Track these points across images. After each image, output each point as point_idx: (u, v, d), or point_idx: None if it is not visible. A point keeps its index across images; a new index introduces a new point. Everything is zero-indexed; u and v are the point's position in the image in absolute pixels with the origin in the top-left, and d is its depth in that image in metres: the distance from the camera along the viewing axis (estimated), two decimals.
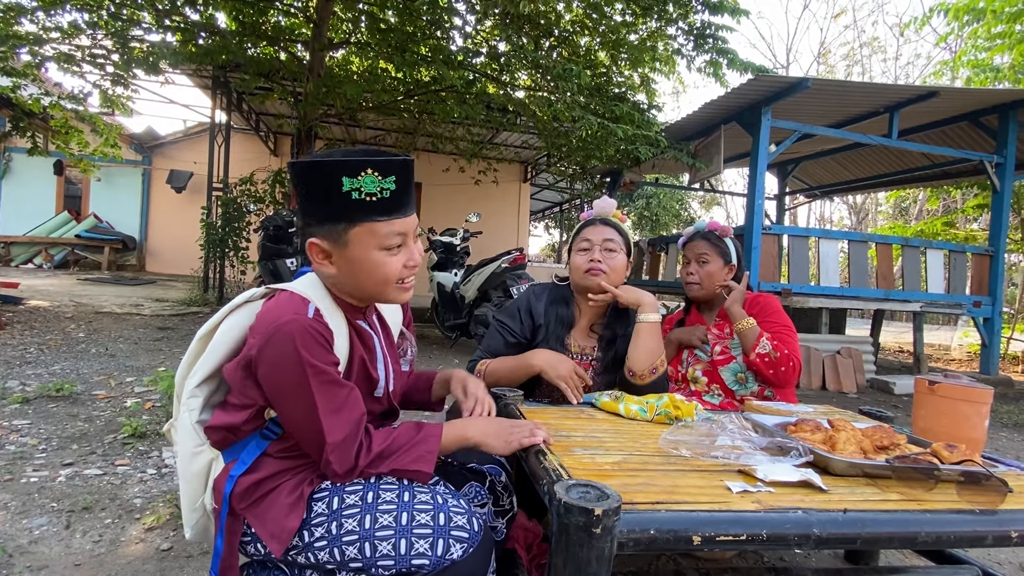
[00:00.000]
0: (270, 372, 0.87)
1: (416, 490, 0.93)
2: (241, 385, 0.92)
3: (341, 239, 0.91)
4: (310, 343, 0.87)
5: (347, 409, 0.90)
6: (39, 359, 3.57)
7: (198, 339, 0.99)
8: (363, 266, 0.93)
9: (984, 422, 1.30)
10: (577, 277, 1.56)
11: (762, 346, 1.61)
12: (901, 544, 0.88)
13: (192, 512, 0.97)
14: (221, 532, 0.93)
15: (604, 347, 1.59)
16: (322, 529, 0.89)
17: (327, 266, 0.95)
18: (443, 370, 1.28)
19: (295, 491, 0.92)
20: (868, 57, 20.66)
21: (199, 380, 0.96)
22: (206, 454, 0.95)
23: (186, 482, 0.96)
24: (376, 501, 0.90)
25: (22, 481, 1.91)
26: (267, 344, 0.86)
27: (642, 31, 5.78)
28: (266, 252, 5.28)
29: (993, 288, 5.70)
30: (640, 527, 0.74)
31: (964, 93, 5.35)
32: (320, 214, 0.91)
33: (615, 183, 8.06)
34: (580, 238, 1.60)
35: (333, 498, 0.92)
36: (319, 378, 0.87)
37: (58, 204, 10.53)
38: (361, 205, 0.89)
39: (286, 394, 0.88)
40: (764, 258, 5.08)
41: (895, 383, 5.02)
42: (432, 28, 5.51)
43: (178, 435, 0.97)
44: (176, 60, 5.51)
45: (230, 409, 0.95)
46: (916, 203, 15.25)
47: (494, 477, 1.16)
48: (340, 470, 0.90)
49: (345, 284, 0.98)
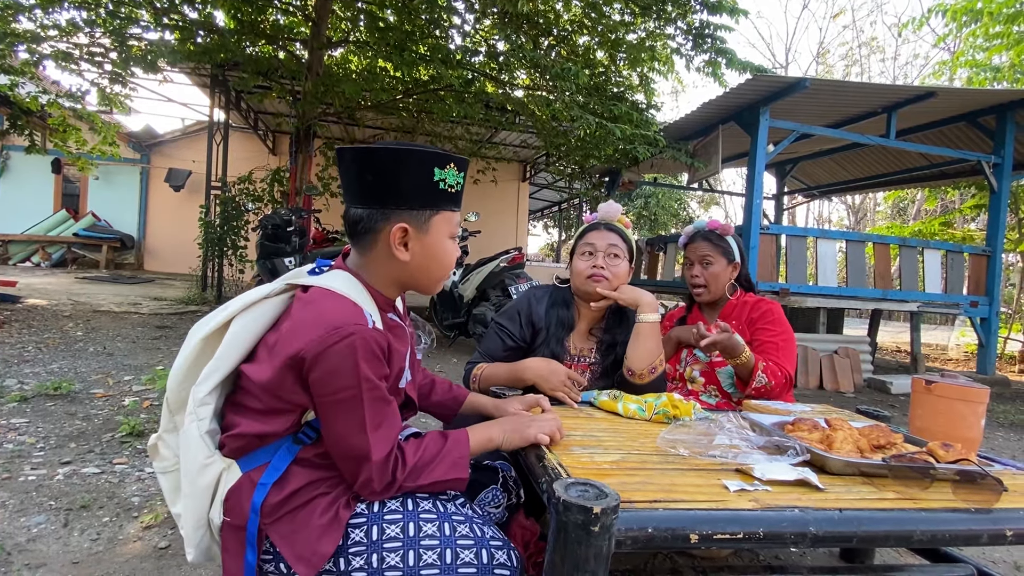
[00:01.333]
0: (324, 379, 0.83)
1: (455, 521, 0.92)
2: (283, 388, 0.86)
3: (425, 224, 0.96)
4: (371, 357, 0.85)
5: (387, 424, 0.88)
6: (37, 357, 3.56)
7: (200, 340, 0.91)
8: (437, 251, 0.98)
9: (980, 421, 1.31)
10: (579, 282, 1.55)
11: (758, 380, 1.58)
12: (896, 543, 0.89)
13: (196, 530, 0.88)
14: (252, 543, 0.86)
15: (603, 351, 1.58)
16: (361, 560, 0.87)
17: (403, 252, 0.95)
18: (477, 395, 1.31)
19: (329, 511, 0.88)
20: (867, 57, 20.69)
21: (211, 387, 0.88)
22: (216, 465, 0.88)
23: (191, 498, 0.87)
24: (418, 535, 0.88)
25: (20, 479, 1.91)
26: (327, 351, 0.82)
27: (641, 31, 5.79)
28: (264, 251, 5.27)
29: (990, 288, 5.72)
30: (638, 525, 0.75)
31: (962, 93, 5.36)
32: (412, 199, 0.94)
33: (614, 182, 8.06)
34: (583, 242, 1.58)
35: (372, 527, 0.89)
36: (372, 393, 0.86)
37: (56, 202, 10.50)
38: (445, 194, 0.97)
39: (337, 405, 0.85)
40: (762, 258, 5.09)
41: (892, 383, 5.03)
42: (431, 27, 5.51)
43: (182, 448, 0.89)
44: (174, 58, 5.50)
45: (259, 416, 0.88)
46: (914, 203, 15.29)
47: (505, 473, 1.18)
48: (379, 487, 0.87)
49: (410, 272, 0.99)
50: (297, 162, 6.28)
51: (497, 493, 1.15)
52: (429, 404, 1.27)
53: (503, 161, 9.49)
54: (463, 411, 1.27)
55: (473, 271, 4.98)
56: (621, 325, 1.58)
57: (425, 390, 1.27)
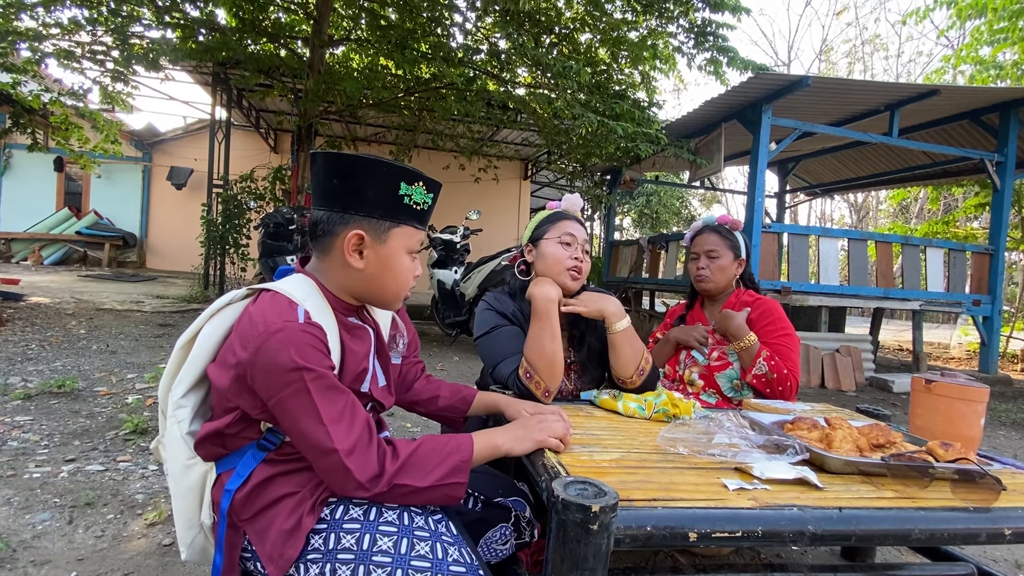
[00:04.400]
0: (265, 381, 0.83)
1: (416, 537, 0.87)
2: (232, 392, 0.88)
3: (383, 235, 0.96)
4: (304, 348, 0.84)
5: (349, 414, 0.86)
6: (40, 356, 3.58)
7: (179, 348, 0.95)
8: (392, 263, 0.98)
9: (980, 420, 1.31)
10: (558, 270, 1.43)
11: (758, 367, 1.58)
12: (895, 541, 0.89)
13: (188, 530, 0.92)
14: (220, 548, 0.89)
15: (577, 346, 1.52)
16: (316, 568, 0.85)
17: (356, 260, 0.95)
18: (488, 392, 1.26)
19: (293, 515, 0.88)
20: (870, 55, 20.58)
21: (185, 390, 0.92)
22: (200, 466, 0.91)
23: (180, 498, 0.91)
24: (371, 549, 0.85)
25: (24, 477, 1.92)
26: (259, 353, 0.83)
27: (642, 29, 5.77)
28: (266, 249, 5.27)
29: (993, 286, 5.71)
30: (637, 524, 0.75)
31: (965, 91, 5.34)
32: (373, 208, 0.95)
33: (615, 180, 8.06)
34: (563, 231, 1.46)
35: (330, 535, 0.87)
36: (318, 383, 0.84)
37: (58, 201, 10.53)
38: (408, 210, 0.97)
39: (286, 403, 0.84)
40: (764, 256, 5.09)
41: (894, 381, 5.03)
42: (432, 25, 5.51)
43: (166, 450, 0.93)
44: (176, 56, 5.51)
45: (220, 418, 0.91)
46: (917, 201, 15.24)
47: (519, 512, 1.12)
48: (363, 477, 0.84)
49: (360, 282, 0.97)
50: (299, 160, 6.29)
51: (506, 532, 1.09)
52: (436, 409, 1.25)
53: (504, 159, 9.50)
54: (473, 411, 1.24)
55: (475, 269, 4.98)
56: (582, 319, 1.51)
57: (429, 395, 1.25)
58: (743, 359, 1.64)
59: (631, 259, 7.52)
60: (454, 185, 9.95)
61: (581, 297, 1.45)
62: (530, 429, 1.01)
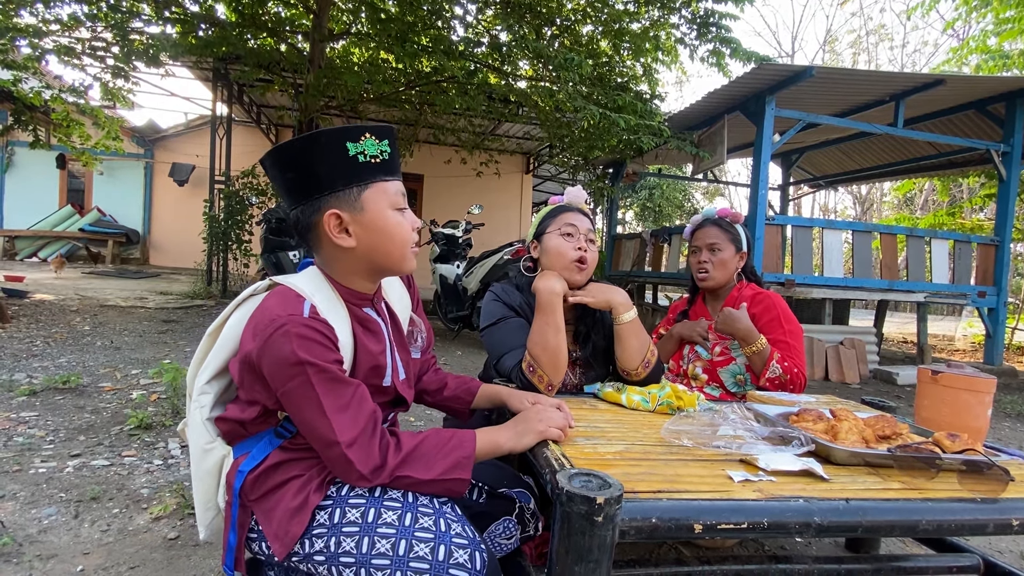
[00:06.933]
0: (272, 373, 0.86)
1: (420, 512, 0.88)
2: (246, 383, 0.91)
3: (356, 203, 0.92)
4: (307, 342, 0.85)
5: (355, 406, 0.87)
6: (45, 352, 3.59)
7: (208, 335, 0.98)
8: (383, 228, 0.94)
9: (986, 411, 1.30)
10: (563, 263, 1.41)
11: (772, 370, 1.56)
12: (902, 532, 0.89)
13: (207, 511, 0.96)
14: (233, 526, 0.92)
15: (582, 342, 1.52)
16: (321, 542, 0.87)
17: (345, 239, 0.93)
18: (491, 384, 1.26)
19: (300, 494, 0.90)
20: (875, 45, 20.40)
21: (208, 376, 0.95)
22: (218, 450, 0.94)
23: (199, 480, 0.95)
24: (376, 521, 0.87)
25: (30, 472, 1.93)
26: (265, 345, 0.85)
27: (644, 20, 5.72)
28: (269, 245, 5.28)
29: (998, 278, 5.67)
30: (641, 516, 0.75)
31: (971, 81, 5.29)
32: (334, 181, 0.91)
33: (618, 174, 8.02)
34: (564, 222, 1.45)
35: (336, 510, 0.89)
36: (321, 376, 0.85)
37: (61, 198, 10.55)
38: (368, 167, 0.92)
39: (291, 394, 0.86)
40: (768, 249, 5.07)
41: (898, 373, 5.01)
42: (433, 18, 5.47)
43: (189, 433, 0.97)
44: (176, 52, 5.49)
45: (241, 405, 0.95)
46: (922, 192, 15.14)
47: (523, 504, 1.12)
48: (365, 469, 0.86)
49: (363, 257, 0.96)
50: None
51: (510, 525, 1.09)
52: (442, 399, 1.26)
53: (506, 153, 9.47)
54: (477, 403, 1.24)
55: (477, 264, 4.98)
56: (592, 314, 1.51)
57: (436, 385, 1.26)
58: (755, 363, 1.61)
59: (634, 253, 7.50)
60: (455, 179, 9.95)
61: (588, 288, 1.44)
62: (531, 422, 1.01)
